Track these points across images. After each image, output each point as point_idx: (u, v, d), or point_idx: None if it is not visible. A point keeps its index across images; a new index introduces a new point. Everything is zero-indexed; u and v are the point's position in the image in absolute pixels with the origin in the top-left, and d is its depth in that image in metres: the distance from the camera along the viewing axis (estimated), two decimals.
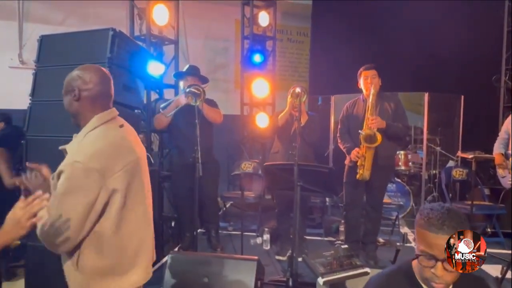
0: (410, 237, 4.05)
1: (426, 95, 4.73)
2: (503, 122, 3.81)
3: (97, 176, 1.31)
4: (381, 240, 3.82)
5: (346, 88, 4.04)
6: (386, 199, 3.78)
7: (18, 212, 1.18)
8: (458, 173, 4.17)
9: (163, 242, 3.60)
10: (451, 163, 5.05)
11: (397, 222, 4.28)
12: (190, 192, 3.16)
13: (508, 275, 2.87)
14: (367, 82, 3.16)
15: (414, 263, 1.26)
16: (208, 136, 3.41)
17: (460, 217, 1.14)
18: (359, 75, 3.25)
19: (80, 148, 1.36)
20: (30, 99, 2.47)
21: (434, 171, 5.15)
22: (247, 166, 4.37)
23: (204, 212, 3.65)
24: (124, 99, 2.52)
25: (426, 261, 1.13)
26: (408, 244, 3.85)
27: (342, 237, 3.72)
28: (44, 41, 2.51)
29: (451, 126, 5.34)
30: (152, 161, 3.41)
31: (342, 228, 3.76)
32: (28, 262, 2.44)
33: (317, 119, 3.50)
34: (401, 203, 4.64)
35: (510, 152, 3.49)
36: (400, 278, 1.26)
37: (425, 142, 4.96)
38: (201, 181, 3.09)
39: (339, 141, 3.40)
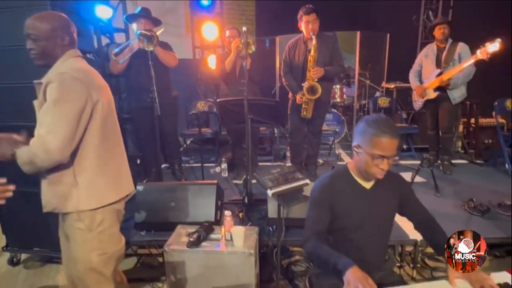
0: (344, 156, 4.73)
1: (358, 33, 5.09)
2: None
3: (83, 86, 1.41)
4: (320, 161, 4.31)
5: (290, 29, 4.14)
6: (324, 127, 4.14)
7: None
8: (383, 102, 4.76)
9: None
10: (378, 94, 5.62)
11: (333, 146, 4.97)
12: (151, 131, 3.26)
13: (416, 179, 3.47)
14: (308, 27, 3.29)
15: (350, 164, 1.55)
16: (163, 76, 3.38)
17: (392, 120, 1.46)
18: (300, 18, 3.34)
19: (61, 66, 1.46)
20: None
21: (364, 102, 5.75)
22: (202, 106, 4.60)
23: (166, 149, 3.81)
24: None
25: (378, 161, 1.40)
26: (341, 162, 4.45)
27: (288, 162, 4.13)
28: None
29: (379, 62, 5.84)
30: None
31: (288, 154, 4.17)
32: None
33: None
34: (337, 130, 5.31)
35: (423, 81, 3.94)
36: (339, 176, 1.57)
37: (356, 77, 5.43)
38: (160, 120, 3.16)
39: (283, 80, 3.65)
